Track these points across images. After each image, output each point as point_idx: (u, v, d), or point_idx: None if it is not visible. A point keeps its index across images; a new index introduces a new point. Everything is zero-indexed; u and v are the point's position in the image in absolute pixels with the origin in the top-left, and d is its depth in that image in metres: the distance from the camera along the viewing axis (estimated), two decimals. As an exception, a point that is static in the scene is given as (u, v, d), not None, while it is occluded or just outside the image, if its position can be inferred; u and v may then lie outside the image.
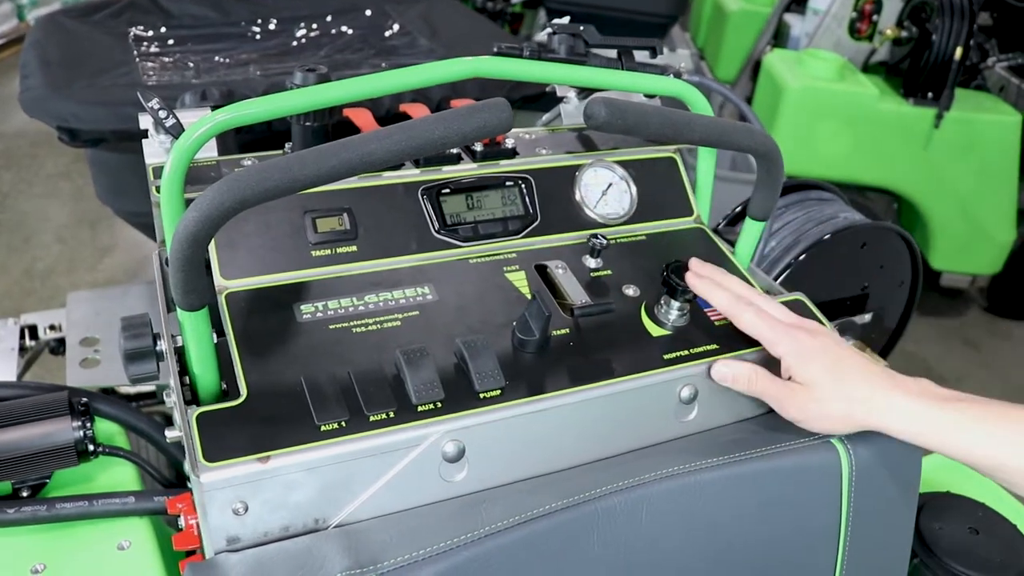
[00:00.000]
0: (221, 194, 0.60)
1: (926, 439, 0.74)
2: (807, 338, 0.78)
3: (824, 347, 0.78)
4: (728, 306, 0.82)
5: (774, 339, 0.79)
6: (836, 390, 0.76)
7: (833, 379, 0.76)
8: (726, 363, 0.80)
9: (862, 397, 0.75)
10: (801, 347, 0.77)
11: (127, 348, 0.76)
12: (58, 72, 1.39)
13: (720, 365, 0.80)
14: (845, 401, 0.75)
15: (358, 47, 1.72)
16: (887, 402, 0.74)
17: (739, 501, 0.74)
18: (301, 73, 0.83)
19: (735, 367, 0.79)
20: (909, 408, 0.74)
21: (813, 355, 0.77)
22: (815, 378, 0.76)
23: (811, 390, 0.76)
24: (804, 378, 0.77)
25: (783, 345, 0.78)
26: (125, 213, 1.53)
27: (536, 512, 0.66)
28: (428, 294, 0.81)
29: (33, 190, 3.64)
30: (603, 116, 0.73)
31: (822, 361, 0.76)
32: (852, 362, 0.77)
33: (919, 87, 2.70)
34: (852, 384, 0.76)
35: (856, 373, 0.76)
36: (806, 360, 0.77)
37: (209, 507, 0.64)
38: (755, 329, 0.80)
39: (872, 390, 0.75)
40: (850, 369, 0.76)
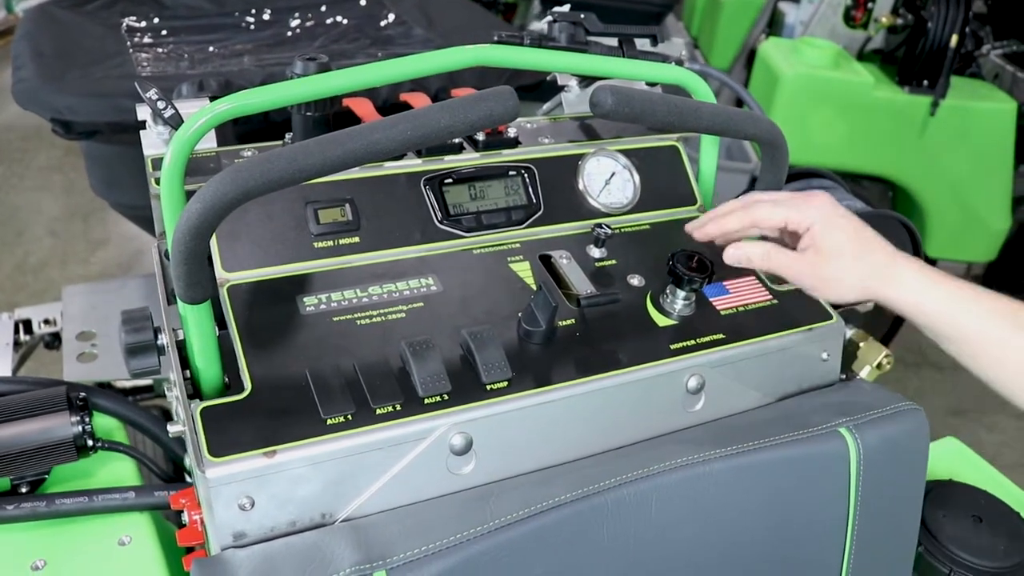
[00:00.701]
0: (224, 185, 0.60)
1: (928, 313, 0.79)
2: (829, 205, 0.80)
3: (846, 213, 0.80)
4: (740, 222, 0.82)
5: (800, 216, 0.80)
6: (858, 257, 0.78)
7: (856, 246, 0.78)
8: (736, 245, 0.81)
9: (881, 265, 0.78)
10: (824, 214, 0.79)
11: (128, 342, 0.75)
12: (51, 63, 1.37)
13: (731, 249, 0.81)
14: (866, 267, 0.78)
15: (353, 37, 1.70)
16: (901, 272, 0.78)
17: (747, 491, 0.73)
18: (302, 62, 0.82)
19: (747, 247, 0.81)
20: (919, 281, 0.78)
21: (838, 221, 0.79)
22: (839, 244, 0.78)
23: (831, 257, 0.79)
24: (828, 244, 0.79)
25: (809, 218, 0.79)
26: (120, 206, 1.51)
27: (545, 505, 0.66)
28: (432, 285, 0.81)
29: (25, 183, 3.62)
30: (609, 104, 0.72)
31: (846, 227, 0.79)
32: (870, 231, 0.80)
33: (914, 75, 2.70)
34: (870, 252, 0.78)
35: (873, 240, 0.79)
36: (832, 227, 0.79)
37: (215, 503, 0.63)
38: (780, 217, 0.81)
39: (886, 261, 0.78)
40: (868, 237, 0.79)
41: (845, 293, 0.80)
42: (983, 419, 2.71)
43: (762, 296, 0.88)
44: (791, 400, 0.84)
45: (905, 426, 0.80)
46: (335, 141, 0.62)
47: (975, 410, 2.73)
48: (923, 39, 2.65)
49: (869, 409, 0.80)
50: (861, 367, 0.95)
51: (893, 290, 0.78)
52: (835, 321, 0.87)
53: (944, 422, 2.68)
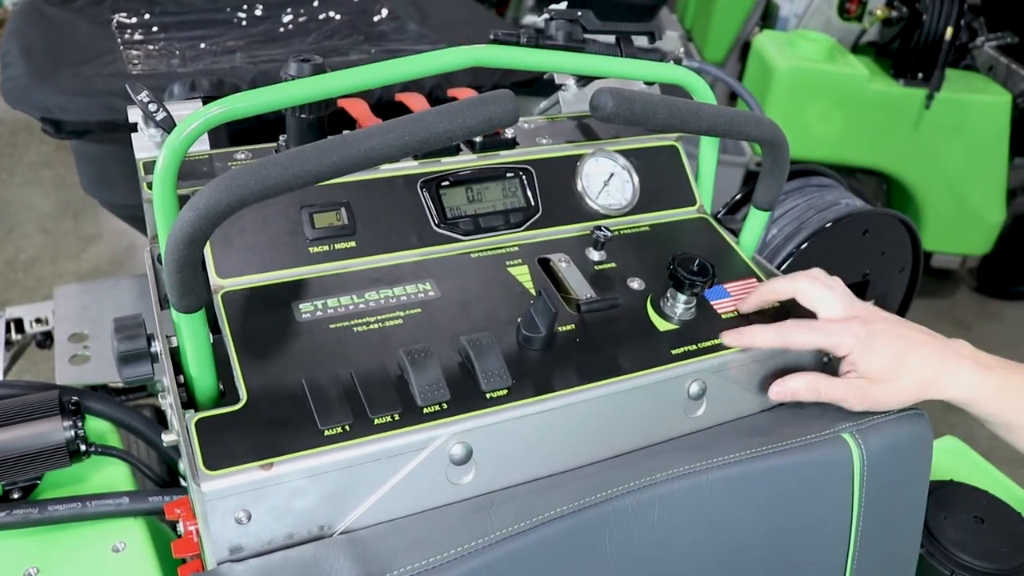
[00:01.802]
0: (218, 193, 0.58)
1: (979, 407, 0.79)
2: (863, 330, 0.78)
3: (882, 334, 0.78)
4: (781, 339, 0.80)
5: (835, 344, 0.79)
6: (904, 375, 0.77)
7: (897, 366, 0.77)
8: (780, 382, 0.80)
9: (928, 378, 0.77)
10: (860, 342, 0.77)
11: (121, 350, 0.74)
12: (41, 61, 1.36)
13: (776, 386, 0.79)
14: (913, 381, 0.77)
15: (346, 33, 1.69)
16: (952, 375, 0.77)
17: (750, 499, 0.73)
18: (296, 64, 0.80)
19: (791, 383, 0.79)
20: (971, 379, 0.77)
21: (874, 347, 0.77)
22: (881, 370, 0.77)
23: (878, 382, 0.77)
24: (871, 370, 0.77)
25: (844, 346, 0.78)
26: (112, 205, 1.49)
27: (547, 516, 0.65)
28: (430, 290, 0.79)
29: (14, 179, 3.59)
30: (610, 107, 0.71)
31: (884, 352, 0.77)
32: (910, 342, 0.78)
33: (909, 67, 2.69)
34: (916, 366, 0.77)
35: (916, 353, 0.78)
36: (869, 354, 0.77)
37: (211, 517, 0.62)
38: (813, 344, 0.80)
39: (935, 369, 0.78)
40: (911, 351, 0.78)
41: (902, 403, 0.80)
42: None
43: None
44: (793, 404, 0.83)
45: (908, 430, 0.79)
46: (331, 148, 0.61)
47: (970, 403, 2.73)
48: (918, 31, 2.64)
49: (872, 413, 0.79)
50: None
51: (946, 394, 0.78)
52: (837, 324, 0.86)
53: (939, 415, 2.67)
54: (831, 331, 0.79)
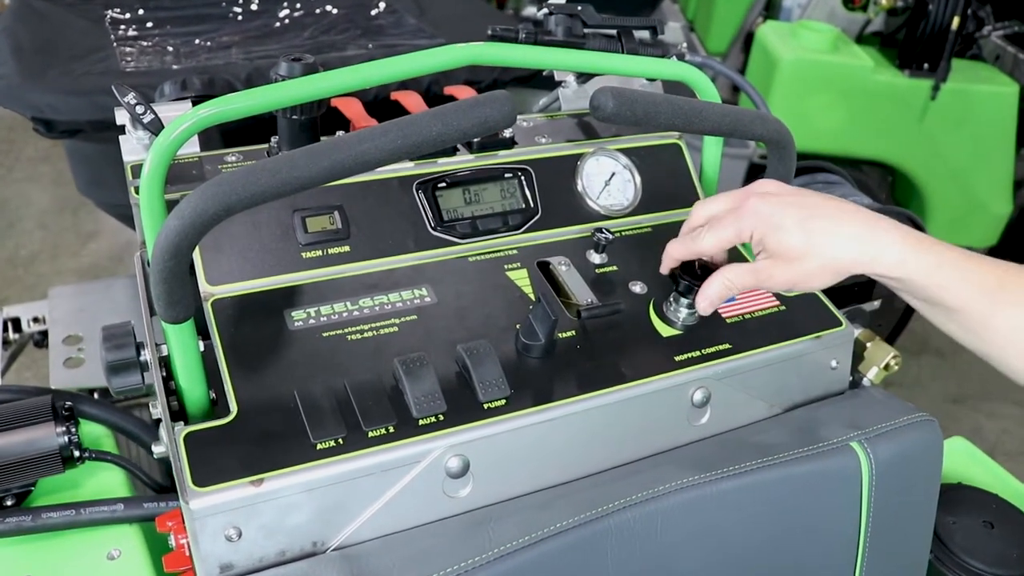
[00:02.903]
0: (204, 201, 0.56)
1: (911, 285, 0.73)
2: (764, 205, 0.73)
3: (789, 206, 0.73)
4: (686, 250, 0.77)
5: (736, 232, 0.74)
6: (817, 251, 0.71)
7: (809, 240, 0.71)
8: (702, 295, 0.75)
9: (847, 251, 0.71)
10: (763, 218, 0.72)
11: (109, 360, 0.72)
12: (32, 59, 1.33)
13: (700, 300, 0.75)
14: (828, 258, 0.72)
15: (343, 27, 1.66)
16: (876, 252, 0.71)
17: (756, 511, 0.71)
18: (287, 64, 0.78)
19: (708, 291, 0.75)
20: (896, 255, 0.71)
21: (779, 221, 0.72)
22: (792, 247, 0.72)
23: (791, 260, 0.72)
24: (779, 249, 0.72)
25: (747, 229, 0.73)
26: (106, 205, 1.48)
27: (547, 531, 0.63)
28: (426, 296, 0.77)
29: (13, 175, 3.57)
30: (611, 107, 0.69)
31: (790, 227, 0.72)
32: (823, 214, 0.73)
33: (915, 58, 2.66)
34: (831, 238, 0.72)
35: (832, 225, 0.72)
36: (775, 230, 0.72)
37: (200, 534, 0.60)
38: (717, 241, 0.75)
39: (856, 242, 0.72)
40: (825, 223, 0.72)
41: (822, 283, 0.74)
42: (983, 406, 2.69)
43: (769, 302, 0.85)
44: (800, 411, 0.81)
45: (918, 438, 0.77)
46: (321, 152, 0.59)
47: (975, 397, 2.72)
48: (924, 21, 2.61)
49: (881, 421, 0.77)
50: (868, 368, 0.93)
51: (872, 268, 0.72)
52: (844, 328, 0.84)
53: (944, 409, 2.67)
54: (730, 220, 0.74)
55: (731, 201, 0.76)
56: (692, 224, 0.78)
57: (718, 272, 0.75)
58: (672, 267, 0.78)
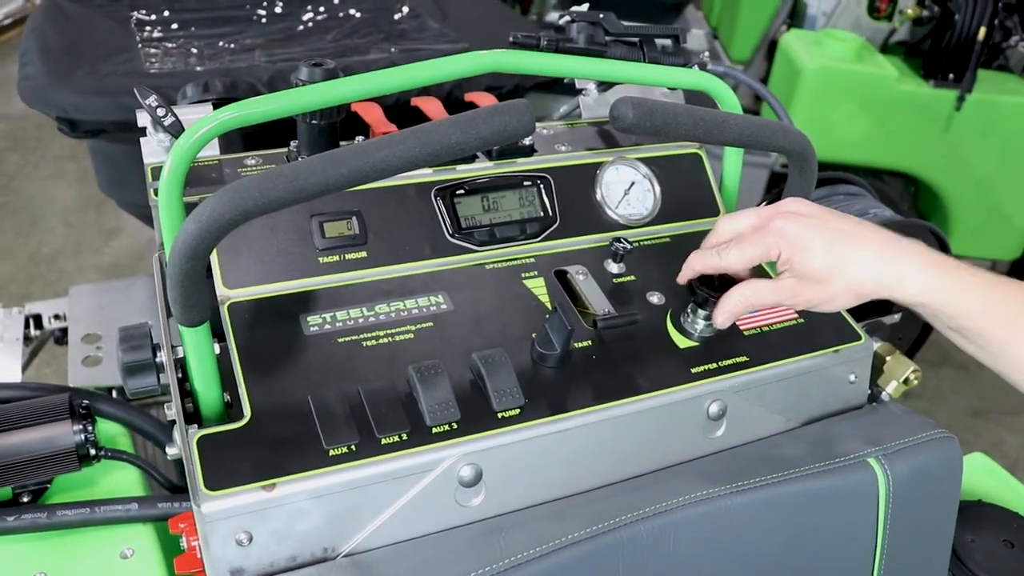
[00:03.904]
0: (222, 205, 0.56)
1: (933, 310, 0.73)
2: (789, 225, 0.73)
3: (811, 228, 0.73)
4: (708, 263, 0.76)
5: (764, 251, 0.74)
6: (840, 274, 0.72)
7: (834, 262, 0.72)
8: (720, 308, 0.75)
9: (869, 275, 0.72)
10: (789, 238, 0.72)
11: (125, 361, 0.73)
12: (58, 60, 1.35)
13: (718, 314, 0.75)
14: (852, 281, 0.72)
15: (366, 31, 1.67)
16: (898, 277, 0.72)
17: (771, 526, 0.70)
18: (307, 68, 0.78)
19: (729, 303, 0.74)
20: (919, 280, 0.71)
21: (804, 243, 0.72)
22: (814, 267, 0.72)
23: (812, 280, 0.72)
24: (804, 270, 0.72)
25: (773, 248, 0.73)
26: (128, 204, 1.49)
27: (559, 542, 0.62)
28: (442, 303, 0.77)
29: (39, 172, 3.61)
30: (631, 118, 0.68)
31: (817, 247, 0.72)
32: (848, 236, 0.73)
33: (940, 68, 2.63)
34: (855, 262, 0.72)
35: (855, 248, 0.72)
36: (801, 250, 0.72)
37: (211, 538, 0.60)
38: (742, 258, 0.75)
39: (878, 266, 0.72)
40: (849, 245, 0.72)
41: (844, 305, 0.74)
42: (1005, 420, 2.66)
43: (787, 315, 0.84)
44: (817, 425, 0.80)
45: (937, 455, 0.76)
46: (340, 159, 0.59)
47: (997, 411, 2.68)
48: (949, 31, 2.58)
49: (900, 437, 0.76)
50: (887, 382, 0.91)
51: (895, 294, 0.72)
52: (863, 342, 0.83)
53: (965, 423, 2.64)
54: (755, 239, 0.74)
55: (757, 219, 0.75)
56: (718, 239, 0.78)
57: (739, 286, 0.75)
58: (691, 278, 0.78)
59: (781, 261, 0.73)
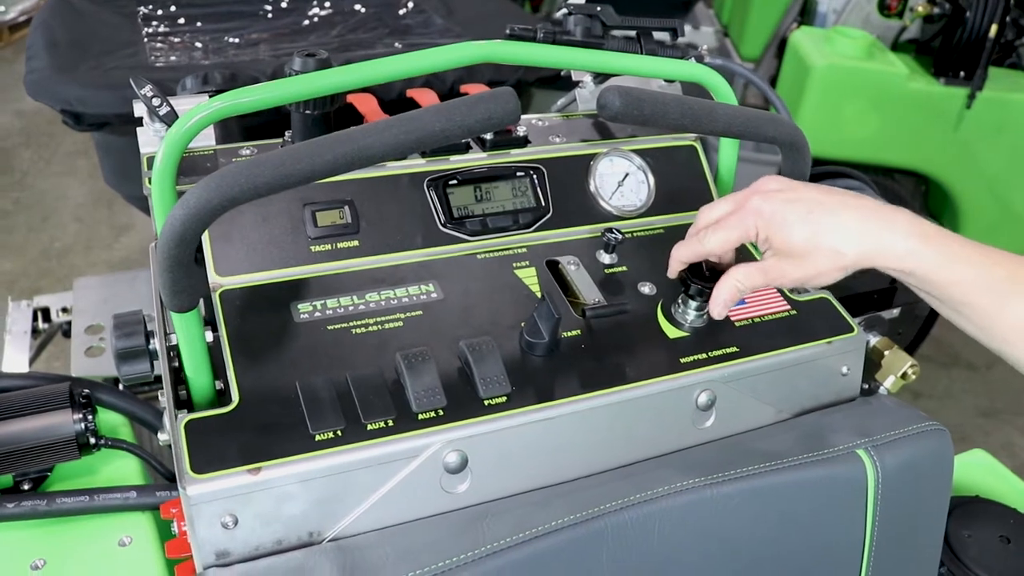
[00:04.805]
0: (209, 192, 0.57)
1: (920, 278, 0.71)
2: (765, 203, 0.72)
3: (793, 203, 0.72)
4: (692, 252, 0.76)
5: (741, 231, 0.73)
6: (822, 247, 0.71)
7: (814, 235, 0.71)
8: (714, 300, 0.74)
9: (852, 245, 0.70)
10: (766, 217, 0.72)
11: (118, 347, 0.73)
12: (64, 54, 1.36)
13: (713, 305, 0.74)
14: (834, 252, 0.71)
15: (372, 26, 1.68)
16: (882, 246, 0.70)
17: (758, 516, 0.70)
18: (300, 59, 0.79)
19: (720, 295, 0.74)
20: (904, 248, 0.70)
21: (783, 218, 0.71)
22: (797, 243, 0.71)
23: (796, 256, 0.71)
24: (784, 246, 0.72)
25: (751, 228, 0.73)
26: (132, 197, 1.50)
27: (542, 529, 0.63)
28: (433, 292, 0.78)
29: (51, 168, 3.63)
30: (617, 106, 0.68)
31: (795, 221, 0.71)
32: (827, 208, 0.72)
33: (951, 66, 2.62)
34: (836, 233, 0.71)
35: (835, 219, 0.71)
36: (779, 226, 0.71)
37: (197, 520, 0.60)
38: (723, 241, 0.74)
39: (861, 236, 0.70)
40: (828, 217, 0.71)
41: (831, 278, 0.73)
42: (1016, 420, 2.64)
43: (779, 306, 0.84)
44: (808, 417, 0.80)
45: (928, 448, 0.75)
46: (325, 146, 0.59)
47: (1007, 411, 2.66)
48: (960, 28, 2.57)
49: (890, 429, 0.76)
50: (885, 377, 0.91)
51: (879, 262, 0.71)
52: (856, 334, 0.83)
53: (975, 423, 2.62)
54: (733, 221, 0.73)
55: (735, 202, 0.75)
56: (697, 227, 0.78)
57: (727, 274, 0.74)
58: (679, 270, 0.78)
59: (761, 240, 0.73)
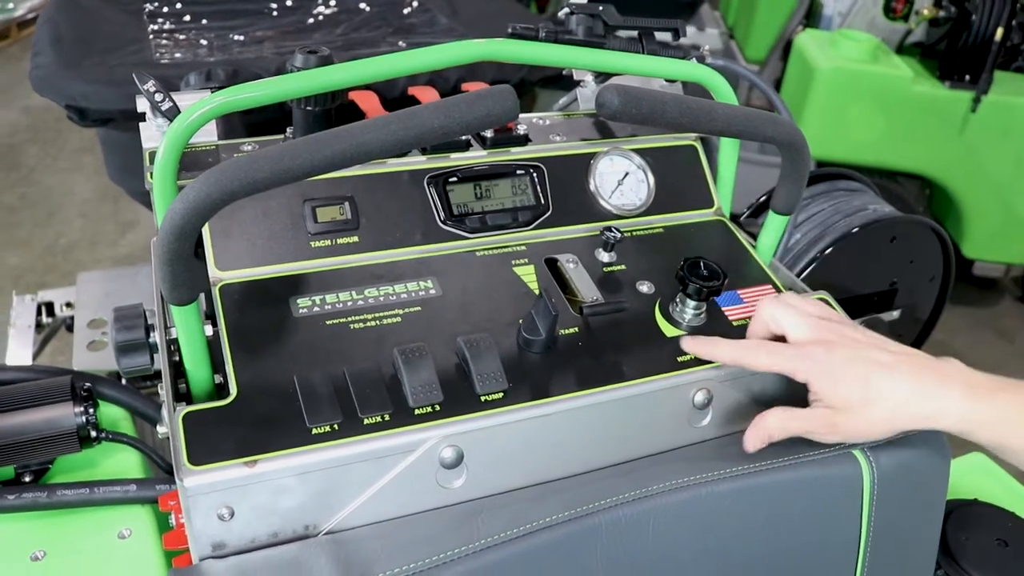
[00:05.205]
0: (208, 186, 0.57)
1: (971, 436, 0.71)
2: (824, 355, 0.72)
3: (848, 360, 0.72)
4: (737, 357, 0.75)
5: (793, 369, 0.73)
6: (873, 405, 0.71)
7: (866, 393, 0.71)
8: (753, 432, 0.74)
9: (904, 405, 0.70)
10: (821, 369, 0.72)
11: (118, 340, 0.74)
12: (69, 50, 1.37)
13: (748, 437, 0.74)
14: (885, 412, 0.71)
15: (376, 25, 1.68)
16: (935, 406, 0.70)
17: (753, 515, 0.70)
18: (302, 55, 0.79)
19: (760, 430, 0.73)
20: (958, 408, 0.70)
21: (837, 375, 0.71)
22: (847, 400, 0.71)
23: (846, 412, 0.71)
24: (834, 400, 0.71)
25: (802, 373, 0.73)
26: (136, 193, 1.51)
27: (536, 524, 0.63)
28: (431, 288, 0.78)
29: (58, 164, 3.65)
30: (615, 104, 0.68)
31: (849, 380, 0.71)
32: (881, 366, 0.71)
33: (956, 69, 2.62)
34: (888, 393, 0.71)
35: (887, 379, 0.71)
36: (832, 383, 0.71)
37: (193, 512, 0.61)
38: (772, 368, 0.74)
39: (912, 396, 0.70)
40: (881, 376, 0.71)
41: (876, 437, 0.74)
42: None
43: (777, 306, 0.84)
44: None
45: (924, 449, 0.76)
46: (323, 141, 0.60)
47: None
48: (966, 32, 2.57)
49: (886, 430, 0.76)
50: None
51: (933, 423, 0.71)
52: (854, 334, 0.83)
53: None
54: (790, 355, 0.73)
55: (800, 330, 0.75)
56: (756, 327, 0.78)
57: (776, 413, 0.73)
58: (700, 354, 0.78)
59: (812, 391, 0.73)
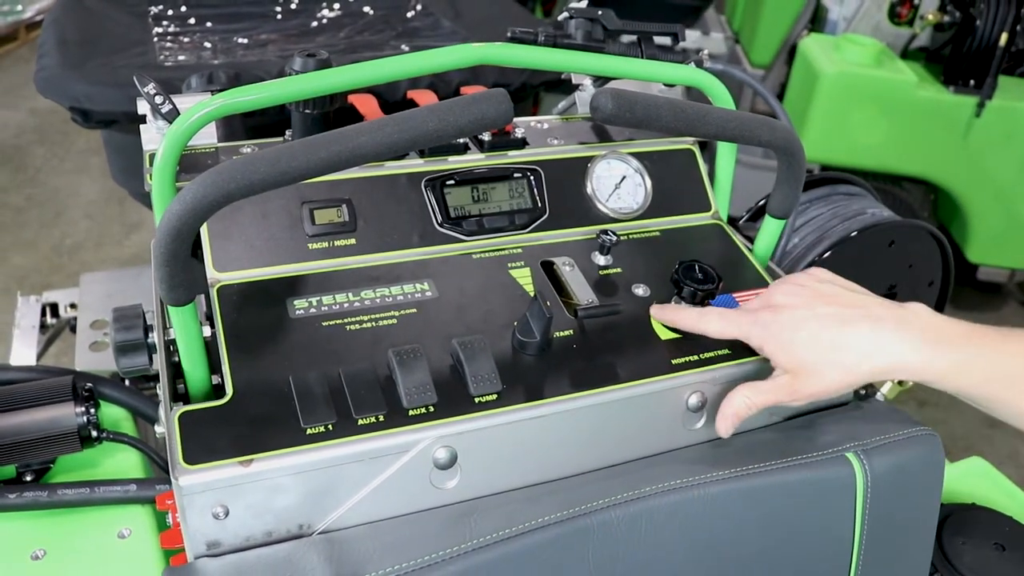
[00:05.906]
0: (205, 187, 0.58)
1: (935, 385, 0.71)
2: (772, 318, 0.72)
3: (799, 320, 0.72)
4: (693, 323, 0.76)
5: (745, 334, 0.74)
6: (829, 364, 0.70)
7: (820, 354, 0.70)
8: (721, 417, 0.74)
9: (861, 361, 0.70)
10: (771, 332, 0.72)
11: (117, 340, 0.75)
12: (74, 51, 1.38)
13: (719, 423, 0.74)
14: (842, 370, 0.70)
15: (379, 28, 1.69)
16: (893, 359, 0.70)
17: (746, 517, 0.70)
18: (300, 59, 0.80)
19: (726, 410, 0.74)
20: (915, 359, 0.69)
21: (787, 337, 0.71)
22: (802, 361, 0.71)
23: (803, 374, 0.71)
24: (790, 364, 0.72)
25: (755, 338, 0.73)
26: (139, 195, 1.51)
27: (528, 525, 0.63)
28: (428, 290, 0.78)
29: (64, 165, 3.67)
30: (610, 108, 0.69)
31: (799, 342, 0.71)
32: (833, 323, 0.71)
33: (960, 74, 2.61)
34: (843, 350, 0.70)
35: (841, 335, 0.70)
36: (783, 346, 0.71)
37: (188, 511, 0.61)
38: (724, 333, 0.75)
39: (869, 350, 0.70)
40: (834, 333, 0.71)
41: (839, 394, 0.74)
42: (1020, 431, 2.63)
43: (772, 310, 0.84)
44: (799, 420, 0.81)
45: (918, 453, 0.76)
46: (320, 144, 0.60)
47: (1013, 422, 2.65)
48: (971, 37, 2.56)
49: (880, 433, 0.76)
50: (882, 383, 0.91)
51: (893, 375, 0.71)
52: (849, 338, 0.83)
53: (980, 433, 2.61)
54: (741, 322, 0.74)
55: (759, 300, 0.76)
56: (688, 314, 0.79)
57: (739, 389, 0.74)
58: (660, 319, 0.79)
59: (769, 357, 0.74)
